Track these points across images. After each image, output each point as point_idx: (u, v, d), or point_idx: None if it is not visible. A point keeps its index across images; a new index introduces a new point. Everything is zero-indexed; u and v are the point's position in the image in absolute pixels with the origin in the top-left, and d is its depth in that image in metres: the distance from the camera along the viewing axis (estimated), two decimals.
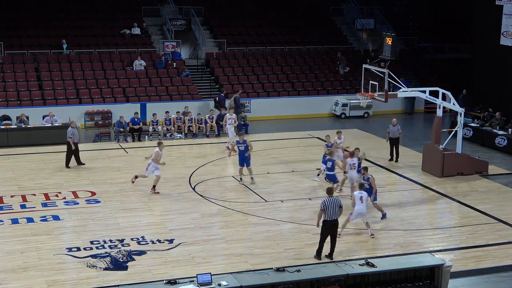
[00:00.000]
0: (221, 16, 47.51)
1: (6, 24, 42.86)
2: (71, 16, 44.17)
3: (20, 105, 37.14)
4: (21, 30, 42.85)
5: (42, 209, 22.57)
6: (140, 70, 41.34)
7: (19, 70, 39.92)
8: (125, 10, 45.85)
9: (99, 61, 41.75)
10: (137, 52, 42.32)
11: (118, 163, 29.31)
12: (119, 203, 23.22)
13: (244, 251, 18.81)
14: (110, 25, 44.76)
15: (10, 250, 18.76)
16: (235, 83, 42.23)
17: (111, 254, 18.46)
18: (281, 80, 43.22)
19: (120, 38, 44.19)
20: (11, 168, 28.13)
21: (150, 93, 39.81)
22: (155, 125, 34.63)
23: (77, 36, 43.09)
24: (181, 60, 43.28)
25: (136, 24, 44.85)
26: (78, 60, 41.44)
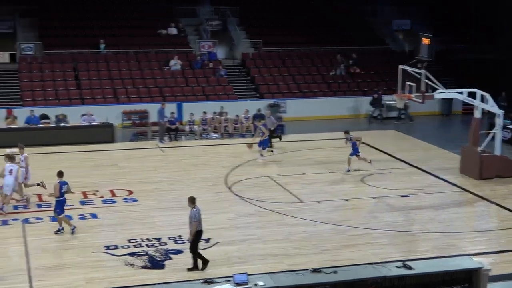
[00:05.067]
0: (257, 16, 47.56)
1: (46, 24, 43.40)
2: (109, 16, 44.57)
3: (58, 104, 37.59)
4: (60, 30, 43.34)
5: (80, 207, 22.80)
6: (176, 70, 41.57)
7: (58, 70, 40.41)
8: (162, 11, 46.11)
9: (136, 61, 42.08)
10: (173, 52, 42.53)
11: (154, 162, 29.48)
12: (155, 202, 23.36)
13: (280, 251, 18.80)
14: (147, 25, 45.06)
15: (49, 247, 18.96)
16: (271, 83, 42.27)
17: (148, 252, 18.58)
18: (317, 80, 43.16)
19: (157, 38, 44.48)
20: (51, 166, 28.37)
21: (186, 93, 40.03)
22: (191, 125, 34.79)
23: (115, 36, 43.48)
24: (217, 60, 43.42)
25: (173, 24, 45.10)
26: (116, 60, 41.82)
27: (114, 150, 32.02)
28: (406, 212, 22.67)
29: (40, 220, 21.29)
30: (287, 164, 29.05)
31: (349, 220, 21.54)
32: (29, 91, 38.58)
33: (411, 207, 23.16)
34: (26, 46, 41.26)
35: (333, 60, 44.46)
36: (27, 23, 43.95)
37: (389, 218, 21.91)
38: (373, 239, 19.92)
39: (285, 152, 31.50)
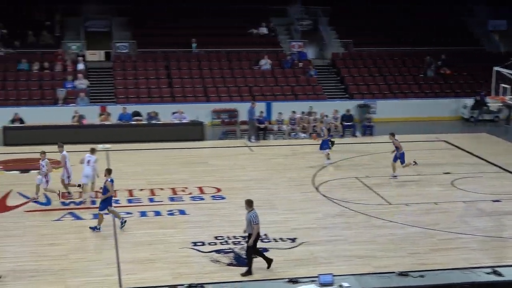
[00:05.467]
0: (347, 16, 47.23)
1: (139, 23, 44.32)
2: (201, 16, 45.10)
3: (150, 101, 38.32)
4: (153, 29, 44.17)
5: (169, 203, 23.17)
6: (266, 70, 41.74)
7: (151, 68, 41.20)
8: (253, 10, 46.36)
9: (227, 60, 42.48)
10: (264, 52, 42.72)
11: (243, 160, 29.69)
12: (243, 200, 23.42)
13: (366, 253, 18.62)
14: (238, 24, 45.40)
15: (138, 242, 19.35)
16: (361, 83, 41.95)
17: (234, 250, 18.71)
18: (408, 81, 42.56)
19: (247, 38, 44.78)
20: (141, 162, 29.04)
21: (276, 92, 40.14)
22: (280, 124, 34.86)
23: (206, 35, 43.96)
24: (307, 60, 43.38)
25: (263, 23, 45.30)
26: (207, 59, 42.33)
27: (204, 148, 32.41)
28: (497, 217, 22.08)
29: (130, 215, 21.72)
30: (376, 166, 28.73)
31: (438, 223, 21.14)
32: (122, 89, 39.50)
33: (503, 212, 22.53)
34: (120, 44, 42.28)
35: (424, 61, 43.73)
36: (122, 22, 45.01)
37: (479, 223, 21.39)
38: (462, 244, 19.49)
39: (373, 153, 31.18)
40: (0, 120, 33.14)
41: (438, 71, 43.26)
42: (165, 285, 16.05)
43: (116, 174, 26.55)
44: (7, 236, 19.75)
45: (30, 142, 31.66)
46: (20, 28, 42.57)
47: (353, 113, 36.74)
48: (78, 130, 32.78)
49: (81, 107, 35.74)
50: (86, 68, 40.78)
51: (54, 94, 38.06)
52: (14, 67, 39.99)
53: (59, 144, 24.09)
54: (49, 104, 37.49)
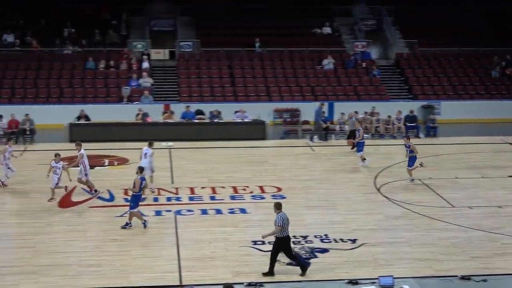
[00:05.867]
0: (412, 16, 46.70)
1: (203, 23, 44.69)
2: (264, 16, 45.22)
3: (213, 100, 38.60)
4: (217, 29, 44.47)
5: (230, 201, 23.29)
6: (329, 70, 41.61)
7: (214, 67, 41.51)
8: (317, 10, 46.26)
9: (290, 59, 42.49)
10: (327, 52, 42.58)
11: (304, 160, 29.66)
12: (304, 200, 23.47)
13: (428, 256, 18.36)
14: (302, 24, 45.35)
15: (199, 240, 19.50)
16: (425, 84, 41.47)
17: (294, 250, 18.66)
18: (474, 82, 41.87)
19: (311, 37, 44.73)
20: (203, 160, 29.29)
21: (338, 92, 39.99)
22: (342, 125, 34.70)
23: (270, 35, 44.07)
24: (370, 60, 43.07)
25: (327, 23, 45.16)
26: (270, 59, 42.42)
27: (265, 147, 32.49)
28: None
29: (192, 213, 21.92)
30: (439, 167, 28.36)
31: (503, 227, 20.71)
32: (186, 87, 39.89)
33: None
34: (184, 43, 42.72)
35: (490, 61, 42.95)
36: (186, 22, 45.48)
37: None
38: None
39: (437, 155, 30.78)
40: (67, 117, 33.80)
41: (503, 72, 42.42)
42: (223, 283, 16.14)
43: (178, 171, 27.10)
44: (71, 231, 20.15)
45: (95, 139, 32.27)
46: (87, 27, 43.40)
47: (416, 114, 36.29)
48: (142, 128, 33.22)
49: (145, 105, 36.22)
50: (151, 67, 41.34)
51: (119, 92, 38.68)
52: (81, 66, 40.80)
53: (77, 142, 24.14)
54: (114, 102, 38.15)
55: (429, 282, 15.14)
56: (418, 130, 35.17)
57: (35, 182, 25.53)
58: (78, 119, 33.83)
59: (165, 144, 31.79)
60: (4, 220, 21.14)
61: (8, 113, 33.56)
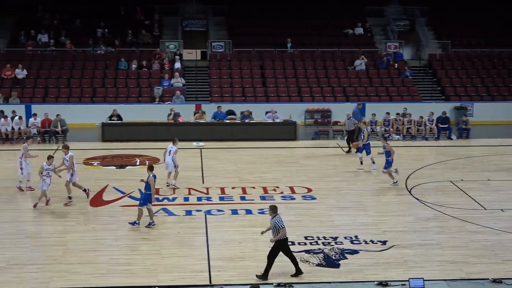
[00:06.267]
0: (446, 16, 46.35)
1: (235, 23, 44.78)
2: (296, 16, 45.19)
3: (244, 100, 38.64)
4: (249, 29, 44.55)
5: (260, 202, 23.28)
6: (361, 70, 41.45)
7: (245, 67, 41.56)
8: (349, 10, 46.13)
9: (322, 60, 42.41)
10: (359, 52, 42.44)
11: (335, 161, 29.57)
12: (334, 201, 23.41)
13: (459, 258, 18.21)
14: (333, 24, 45.26)
15: (228, 239, 19.54)
16: (458, 85, 41.12)
17: (324, 251, 18.65)
18: (508, 83, 41.41)
19: (343, 38, 44.62)
20: (234, 161, 29.34)
21: (369, 93, 39.81)
22: (373, 125, 34.53)
23: (301, 35, 44.02)
24: (403, 61, 42.83)
25: (359, 24, 45.00)
26: (301, 59, 42.36)
27: (296, 147, 32.44)
28: None
29: (222, 213, 21.98)
30: (471, 169, 28.11)
31: None
32: (217, 88, 40.00)
33: None
34: (216, 44, 42.81)
35: None
36: (218, 22, 45.61)
37: None
38: None
39: (469, 157, 30.51)
40: (100, 117, 34.07)
41: None
42: (253, 283, 16.15)
43: (209, 171, 27.17)
44: (103, 229, 20.32)
45: (127, 138, 32.56)
46: (120, 28, 43.72)
47: (449, 115, 35.99)
48: (173, 128, 33.35)
49: (176, 105, 36.38)
50: (183, 67, 41.52)
51: (151, 92, 38.90)
52: (114, 66, 41.11)
53: (64, 145, 23.88)
54: (146, 101, 38.37)
55: (460, 284, 15.02)
56: (450, 131, 34.86)
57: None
58: (110, 118, 34.07)
59: (196, 144, 31.94)
60: (36, 218, 21.36)
61: (42, 112, 33.92)
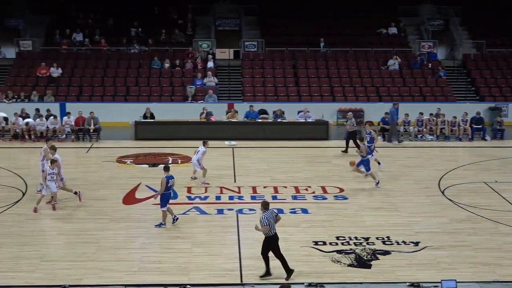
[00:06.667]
0: (480, 16, 45.89)
1: (267, 22, 44.80)
2: (329, 15, 45.07)
3: (277, 100, 38.63)
4: (281, 29, 44.54)
5: (292, 201, 23.26)
6: (394, 70, 41.21)
7: (278, 67, 41.55)
8: (382, 10, 45.89)
9: (354, 59, 42.25)
10: (392, 52, 42.20)
11: None
12: (366, 201, 23.30)
13: (492, 260, 18.01)
14: (367, 24, 45.07)
15: (259, 239, 19.41)
16: (492, 85, 40.71)
17: (355, 251, 18.57)
18: None
19: (376, 37, 44.40)
20: (266, 160, 29.34)
21: (403, 93, 39.56)
22: (406, 126, 34.32)
23: (335, 35, 43.91)
24: (437, 61, 42.50)
25: (393, 23, 44.75)
26: (334, 59, 42.25)
27: (328, 147, 32.35)
28: None
29: (253, 212, 21.99)
30: (506, 170, 27.82)
31: None
32: (250, 87, 40.04)
33: None
34: (249, 43, 42.86)
35: None
36: (251, 21, 45.67)
37: None
38: None
39: (504, 158, 30.19)
40: (133, 115, 34.29)
41: None
42: (281, 283, 16.14)
43: (241, 171, 27.21)
44: (135, 227, 20.44)
45: (159, 137, 32.74)
46: (154, 27, 43.98)
47: (483, 115, 35.65)
48: (206, 127, 33.48)
49: (209, 104, 36.50)
50: (215, 66, 41.63)
51: (184, 91, 39.07)
52: (147, 64, 41.36)
53: (52, 146, 23.48)
54: (178, 100, 38.54)
55: (493, 287, 14.87)
56: (484, 132, 34.51)
57: (101, 178, 26.01)
58: (144, 117, 34.27)
59: (228, 143, 32.01)
60: (70, 216, 21.55)
61: (76, 111, 34.26)
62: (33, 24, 45.09)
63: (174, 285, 16.22)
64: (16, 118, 33.67)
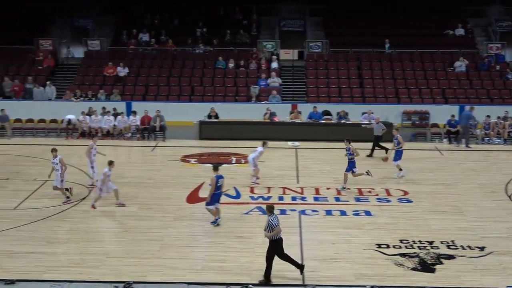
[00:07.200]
0: None
1: (332, 23, 44.65)
2: (394, 16, 44.64)
3: (341, 101, 38.45)
4: (346, 29, 44.31)
5: (355, 203, 23.14)
6: (461, 72, 40.57)
7: (342, 68, 41.35)
8: (449, 10, 45.19)
9: (420, 61, 41.73)
10: (459, 53, 41.56)
11: (432, 164, 29.08)
12: (430, 205, 23.01)
13: None
14: (432, 25, 44.48)
15: (322, 240, 19.51)
16: None
17: (419, 255, 18.37)
18: None
19: (442, 39, 43.78)
20: (329, 161, 29.26)
21: (469, 96, 38.90)
22: (473, 129, 33.74)
23: (400, 35, 43.45)
24: (504, 63, 41.68)
25: (460, 24, 44.08)
26: (399, 60, 41.83)
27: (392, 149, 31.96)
28: None
29: (316, 213, 21.96)
30: None
31: None
32: (313, 88, 39.95)
33: None
34: (314, 44, 42.78)
35: None
36: (316, 22, 45.57)
37: None
38: None
39: None
40: (197, 115, 34.60)
41: None
42: (347, 285, 16.09)
43: (304, 171, 27.21)
44: (198, 226, 20.60)
45: (223, 136, 32.96)
46: (219, 27, 44.29)
47: None
48: (269, 127, 33.55)
49: (272, 105, 36.54)
50: (280, 67, 41.68)
51: (247, 91, 39.21)
52: (212, 65, 41.67)
53: (53, 148, 23.30)
54: (242, 101, 38.70)
55: None
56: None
57: (165, 177, 26.33)
58: (208, 117, 34.54)
59: (291, 144, 32.01)
60: (135, 213, 21.87)
61: (142, 110, 34.75)
62: (101, 24, 45.96)
63: (236, 285, 16.32)
64: (84, 117, 34.38)
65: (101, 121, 34.31)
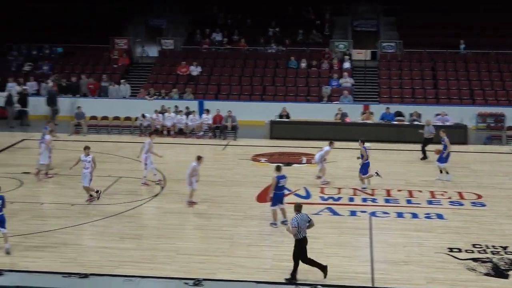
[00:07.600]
0: None
1: (406, 23, 44.15)
2: (470, 16, 43.82)
3: (414, 102, 37.98)
4: (420, 30, 43.75)
5: (427, 206, 22.81)
6: None
7: (416, 69, 40.85)
8: None
9: (496, 62, 40.87)
10: None
11: (507, 167, 28.44)
12: (505, 209, 22.50)
13: None
14: (509, 25, 43.45)
15: (393, 243, 19.30)
16: None
17: (492, 260, 17.99)
18: None
19: None
20: (401, 163, 28.92)
21: None
22: None
23: (475, 36, 42.63)
24: None
25: None
26: (475, 61, 41.07)
27: (466, 152, 31.46)
28: None
29: (387, 215, 21.74)
30: None
31: None
32: (386, 88, 39.56)
33: None
34: (387, 44, 42.36)
35: None
36: (389, 22, 45.12)
37: None
38: None
39: None
40: (268, 114, 34.68)
41: None
42: None
43: None
44: (268, 225, 20.59)
45: (294, 136, 32.94)
46: (291, 27, 44.30)
47: None
48: (340, 128, 33.37)
49: (344, 105, 36.35)
50: (352, 67, 41.43)
51: (319, 91, 39.10)
52: (284, 64, 41.71)
53: (86, 146, 23.10)
54: (314, 101, 38.61)
55: None
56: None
57: (236, 176, 26.49)
58: (279, 116, 34.58)
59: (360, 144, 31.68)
60: (206, 211, 22.06)
61: (214, 109, 35.03)
62: (175, 24, 46.53)
63: (305, 285, 16.29)
64: (157, 115, 34.89)
65: (173, 119, 34.73)
